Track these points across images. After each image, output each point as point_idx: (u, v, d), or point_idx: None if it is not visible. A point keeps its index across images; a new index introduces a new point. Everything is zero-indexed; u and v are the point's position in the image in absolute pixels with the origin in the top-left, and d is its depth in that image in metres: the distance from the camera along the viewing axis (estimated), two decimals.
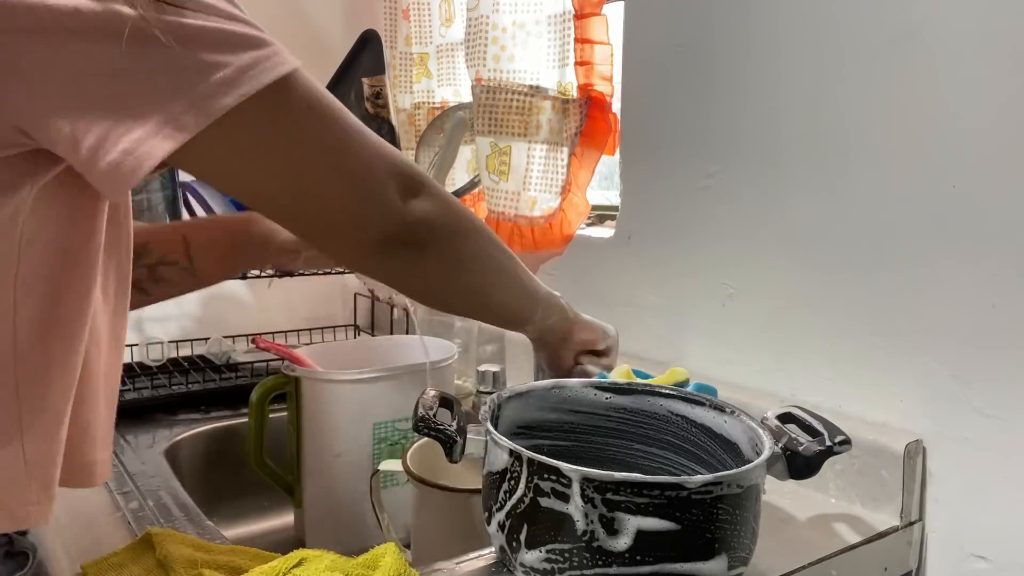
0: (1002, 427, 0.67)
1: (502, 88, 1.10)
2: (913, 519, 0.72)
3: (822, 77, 0.78)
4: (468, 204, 1.34)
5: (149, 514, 0.72)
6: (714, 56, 0.88)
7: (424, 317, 1.09)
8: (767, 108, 0.83)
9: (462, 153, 1.32)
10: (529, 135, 1.10)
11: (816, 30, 0.78)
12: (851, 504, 0.75)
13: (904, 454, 0.71)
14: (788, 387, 0.83)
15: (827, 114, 0.78)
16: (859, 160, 0.76)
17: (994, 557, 0.68)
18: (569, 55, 1.06)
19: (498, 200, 1.13)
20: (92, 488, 0.55)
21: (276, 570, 0.56)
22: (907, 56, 0.71)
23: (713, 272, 0.90)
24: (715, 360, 0.91)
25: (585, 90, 1.05)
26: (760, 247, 0.85)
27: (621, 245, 1.02)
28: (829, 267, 0.79)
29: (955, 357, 0.70)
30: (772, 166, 0.83)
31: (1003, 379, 0.67)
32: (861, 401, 0.77)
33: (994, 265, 0.67)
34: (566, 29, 1.06)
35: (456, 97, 1.36)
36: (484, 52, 1.10)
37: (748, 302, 0.87)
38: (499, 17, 1.09)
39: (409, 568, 0.57)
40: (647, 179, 0.98)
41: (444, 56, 1.36)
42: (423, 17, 1.37)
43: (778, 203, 0.83)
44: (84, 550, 0.66)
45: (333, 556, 0.58)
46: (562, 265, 1.11)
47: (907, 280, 0.73)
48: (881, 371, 0.75)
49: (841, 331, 0.78)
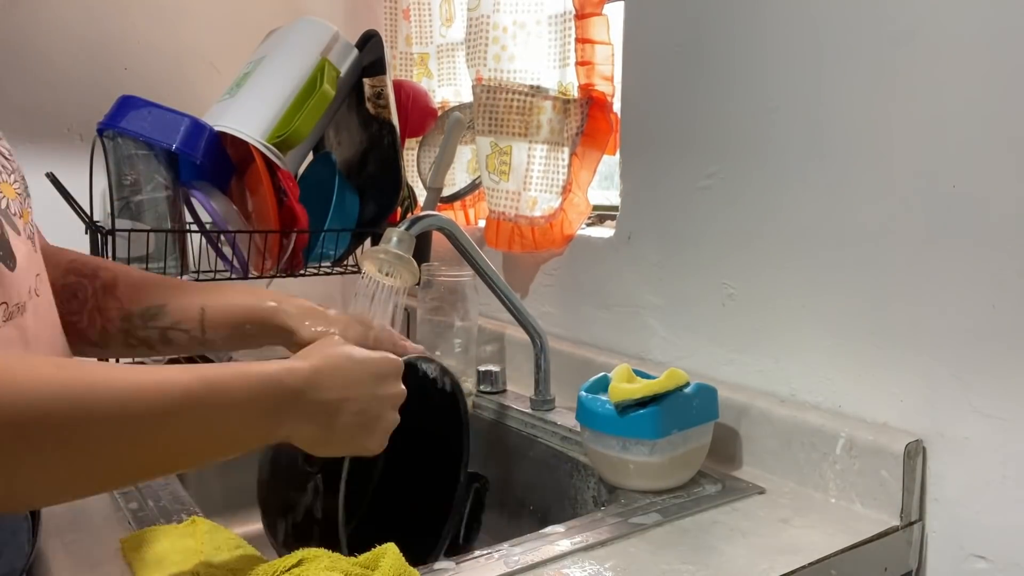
0: (1002, 427, 0.67)
1: (503, 88, 1.10)
2: (913, 519, 0.72)
3: (822, 77, 0.78)
4: (469, 205, 1.34)
5: (149, 514, 0.72)
6: (714, 56, 0.88)
7: (424, 317, 1.10)
8: (767, 108, 0.83)
9: (462, 153, 1.32)
10: (530, 135, 1.10)
11: (816, 30, 0.78)
12: (851, 504, 0.75)
13: (904, 454, 0.71)
14: (788, 387, 0.83)
15: (827, 114, 0.78)
16: (859, 160, 0.76)
17: (994, 557, 0.68)
18: (570, 55, 1.06)
19: (498, 200, 1.13)
20: None
21: (276, 569, 0.56)
22: (907, 56, 0.71)
23: (713, 272, 0.90)
24: (715, 360, 0.91)
25: (586, 90, 1.05)
26: (760, 247, 0.85)
27: (621, 245, 1.02)
28: (829, 267, 0.79)
29: (955, 357, 0.70)
30: (772, 166, 0.83)
31: (1003, 379, 0.67)
32: (861, 401, 0.77)
33: (994, 265, 0.67)
34: (567, 29, 1.06)
35: (457, 97, 1.36)
36: (485, 52, 1.10)
37: (748, 302, 0.87)
38: (500, 17, 1.09)
39: (409, 568, 0.57)
40: (647, 179, 0.98)
41: (444, 56, 1.36)
42: (423, 17, 1.37)
43: (778, 203, 0.83)
44: (84, 550, 0.66)
45: (332, 556, 0.58)
46: (562, 265, 1.12)
47: (907, 280, 0.73)
48: (881, 371, 0.75)
49: (841, 331, 0.78)
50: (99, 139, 0.98)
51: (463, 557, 0.63)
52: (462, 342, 1.09)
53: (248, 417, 0.52)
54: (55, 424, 0.42)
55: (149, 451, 0.47)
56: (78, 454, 0.43)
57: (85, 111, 1.27)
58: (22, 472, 0.41)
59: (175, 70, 1.39)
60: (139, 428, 0.45)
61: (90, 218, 1.00)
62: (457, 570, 0.62)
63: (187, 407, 0.48)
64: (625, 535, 0.68)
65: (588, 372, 0.87)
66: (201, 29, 1.42)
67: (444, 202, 1.31)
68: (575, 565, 0.63)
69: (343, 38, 1.13)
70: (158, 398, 0.46)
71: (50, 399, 0.42)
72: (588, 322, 1.08)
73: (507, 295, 0.97)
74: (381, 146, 1.15)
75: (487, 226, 1.16)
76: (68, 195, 0.99)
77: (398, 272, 0.77)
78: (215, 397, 0.49)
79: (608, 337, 1.05)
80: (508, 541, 0.66)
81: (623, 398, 0.76)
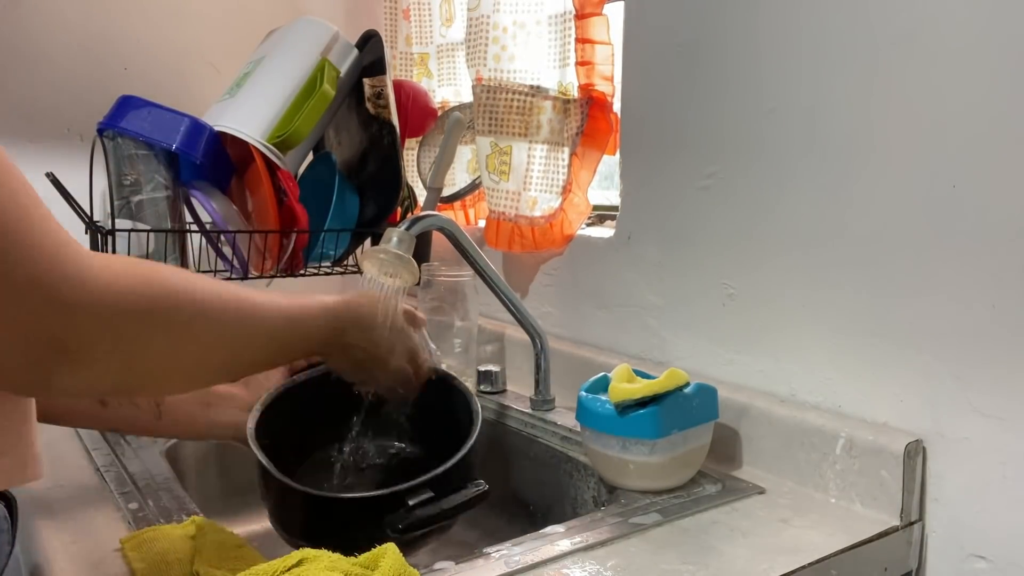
0: (1002, 427, 0.67)
1: (503, 88, 1.10)
2: (913, 519, 0.72)
3: (822, 77, 0.78)
4: (469, 205, 1.34)
5: (149, 514, 0.72)
6: (714, 56, 0.88)
7: (424, 317, 1.09)
8: (767, 108, 0.83)
9: (462, 153, 1.32)
10: (530, 135, 1.10)
11: (816, 30, 0.78)
12: (851, 504, 0.75)
13: (904, 454, 0.71)
14: (788, 387, 0.83)
15: (827, 114, 0.78)
16: (859, 160, 0.76)
17: (994, 557, 0.68)
18: (570, 55, 1.06)
19: (498, 200, 1.13)
20: (92, 488, 0.55)
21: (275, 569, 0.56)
22: (906, 56, 0.71)
23: (713, 272, 0.90)
24: (715, 360, 0.91)
25: (586, 90, 1.05)
26: (760, 247, 0.85)
27: (621, 245, 1.02)
28: (829, 267, 0.79)
29: (955, 357, 0.70)
30: (772, 166, 0.83)
31: (1003, 379, 0.67)
32: (861, 401, 0.77)
33: (994, 265, 0.67)
34: (567, 29, 1.06)
35: (456, 97, 1.36)
36: (485, 52, 1.10)
37: (748, 302, 0.87)
38: (500, 17, 1.09)
39: (409, 568, 0.57)
40: (647, 179, 0.98)
41: (444, 56, 1.36)
42: (423, 17, 1.37)
43: (778, 203, 0.83)
44: (84, 550, 0.66)
45: (332, 556, 0.58)
46: (562, 265, 1.12)
47: (907, 280, 0.73)
48: (881, 371, 0.75)
49: (841, 331, 0.78)
50: (99, 139, 0.98)
51: (463, 557, 0.63)
52: (462, 342, 1.09)
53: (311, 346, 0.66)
54: (186, 317, 0.52)
55: (238, 351, 0.59)
56: (193, 344, 0.53)
57: (85, 111, 1.26)
58: (152, 349, 0.50)
59: (175, 70, 1.39)
60: (237, 331, 0.57)
61: (90, 218, 1.00)
62: (457, 570, 0.62)
63: (276, 330, 0.61)
64: (625, 535, 0.68)
65: (588, 372, 0.86)
66: (201, 29, 1.42)
67: (444, 202, 1.31)
68: (575, 565, 0.63)
69: (343, 38, 1.13)
70: (257, 315, 0.58)
71: (187, 294, 0.52)
72: (588, 322, 1.08)
73: (507, 295, 0.97)
74: (381, 146, 1.15)
75: (487, 226, 1.16)
76: (68, 195, 0.99)
77: (398, 272, 0.77)
78: (295, 328, 0.63)
79: (608, 337, 1.05)
80: (508, 541, 0.66)
81: (623, 398, 0.76)
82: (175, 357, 0.53)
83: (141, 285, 0.49)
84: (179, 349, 0.53)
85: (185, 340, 0.53)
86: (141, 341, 0.49)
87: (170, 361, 0.53)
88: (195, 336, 0.53)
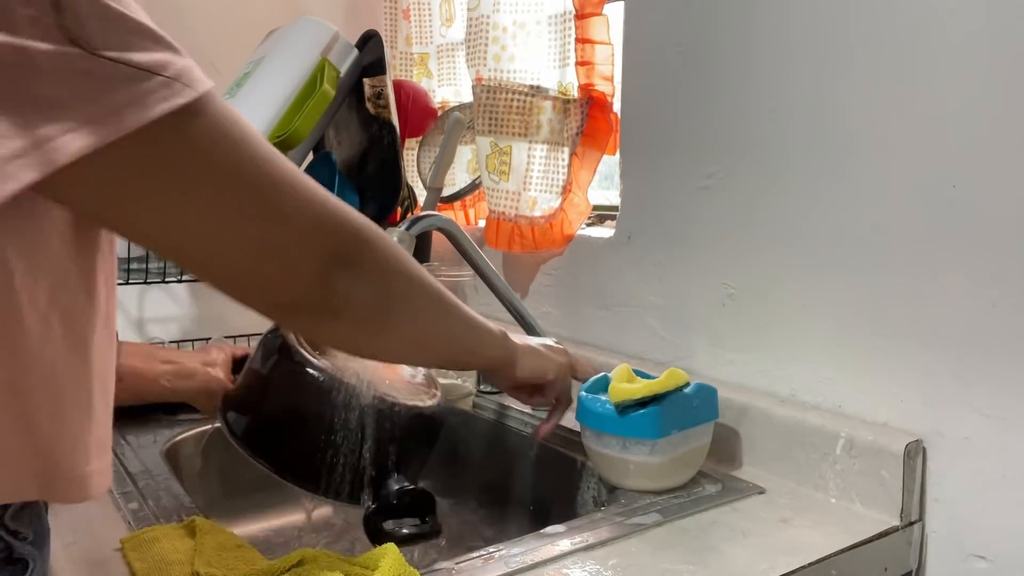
0: (1002, 427, 0.67)
1: (503, 88, 1.10)
2: (913, 519, 0.72)
3: (822, 77, 0.78)
4: (469, 205, 1.34)
5: (149, 514, 0.72)
6: (714, 56, 0.88)
7: None
8: (767, 108, 0.83)
9: (462, 153, 1.32)
10: (529, 135, 1.10)
11: (816, 30, 0.78)
12: (851, 504, 0.75)
13: (904, 454, 0.71)
14: (788, 387, 0.83)
15: (827, 114, 0.78)
16: (859, 160, 0.76)
17: (994, 557, 0.68)
18: (570, 55, 1.06)
19: (498, 200, 1.13)
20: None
21: (275, 569, 0.56)
22: (906, 56, 0.71)
23: (713, 272, 0.90)
24: (715, 360, 0.91)
25: (586, 90, 1.05)
26: (760, 247, 0.85)
27: (621, 245, 1.02)
28: (829, 267, 0.79)
29: (955, 357, 0.70)
30: (772, 166, 0.83)
31: (1003, 379, 0.67)
32: (861, 401, 0.77)
33: (994, 265, 0.67)
34: (567, 29, 1.06)
35: (456, 97, 1.36)
36: (484, 52, 1.10)
37: (748, 302, 0.87)
38: (500, 17, 1.09)
39: (409, 568, 0.57)
40: (647, 179, 0.98)
41: (444, 56, 1.36)
42: (423, 17, 1.37)
43: (778, 203, 0.83)
44: (84, 550, 0.66)
45: (332, 556, 0.58)
46: (562, 265, 1.12)
47: (907, 280, 0.73)
48: (881, 371, 0.75)
49: (841, 331, 0.78)
50: None
51: (463, 557, 0.63)
52: None
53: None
54: (426, 298, 0.59)
55: (451, 344, 0.66)
56: (426, 322, 0.60)
57: None
58: (400, 322, 0.56)
59: None
60: (451, 323, 0.64)
61: None
62: (457, 570, 0.62)
63: (481, 333, 0.71)
64: (625, 535, 0.68)
65: None
66: (201, 29, 1.42)
67: (444, 202, 1.31)
68: (575, 565, 0.63)
69: (343, 38, 1.13)
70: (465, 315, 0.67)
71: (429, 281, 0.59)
72: (588, 322, 1.08)
73: (507, 295, 0.97)
74: (381, 146, 1.15)
75: (487, 226, 1.16)
76: None
77: None
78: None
79: (608, 337, 1.05)
80: (508, 541, 0.66)
81: (623, 398, 0.76)
82: (417, 326, 0.59)
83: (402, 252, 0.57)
84: (423, 320, 0.60)
85: (427, 315, 0.60)
86: (403, 297, 0.56)
87: (412, 327, 0.59)
88: (434, 314, 0.61)
